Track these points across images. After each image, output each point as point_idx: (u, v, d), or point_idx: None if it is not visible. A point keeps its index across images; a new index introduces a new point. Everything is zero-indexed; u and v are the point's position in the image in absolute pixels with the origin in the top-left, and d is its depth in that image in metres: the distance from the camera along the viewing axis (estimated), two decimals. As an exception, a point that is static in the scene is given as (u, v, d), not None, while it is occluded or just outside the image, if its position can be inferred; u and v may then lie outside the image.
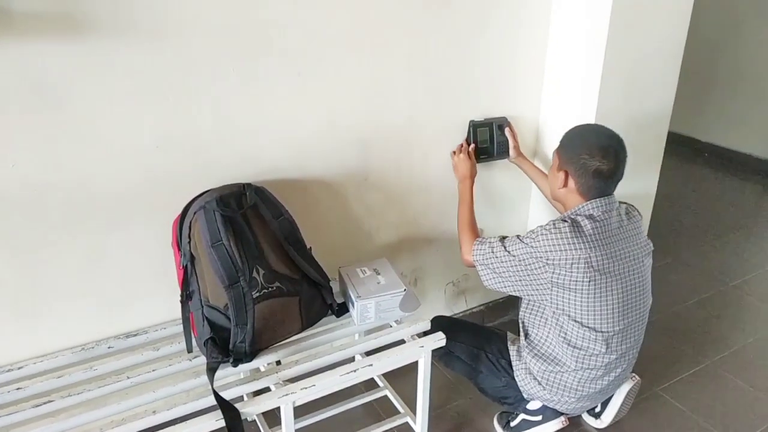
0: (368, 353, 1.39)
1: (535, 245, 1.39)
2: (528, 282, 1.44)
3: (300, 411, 1.56)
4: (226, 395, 1.20)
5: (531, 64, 1.82)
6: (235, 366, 1.27)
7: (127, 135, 1.29)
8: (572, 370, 1.48)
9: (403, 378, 1.59)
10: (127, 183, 1.33)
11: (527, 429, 1.59)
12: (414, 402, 1.49)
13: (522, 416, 1.60)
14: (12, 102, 1.16)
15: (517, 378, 1.56)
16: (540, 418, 1.58)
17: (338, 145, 1.58)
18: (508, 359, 1.57)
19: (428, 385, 1.44)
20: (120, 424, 1.12)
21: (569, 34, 1.76)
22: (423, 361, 1.41)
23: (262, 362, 1.32)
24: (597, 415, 1.66)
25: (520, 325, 1.58)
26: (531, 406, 1.58)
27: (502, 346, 1.59)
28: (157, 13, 1.23)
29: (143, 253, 1.40)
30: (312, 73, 1.46)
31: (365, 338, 1.42)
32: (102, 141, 1.27)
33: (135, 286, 1.42)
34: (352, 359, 1.39)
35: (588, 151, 1.39)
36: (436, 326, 1.46)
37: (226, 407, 1.16)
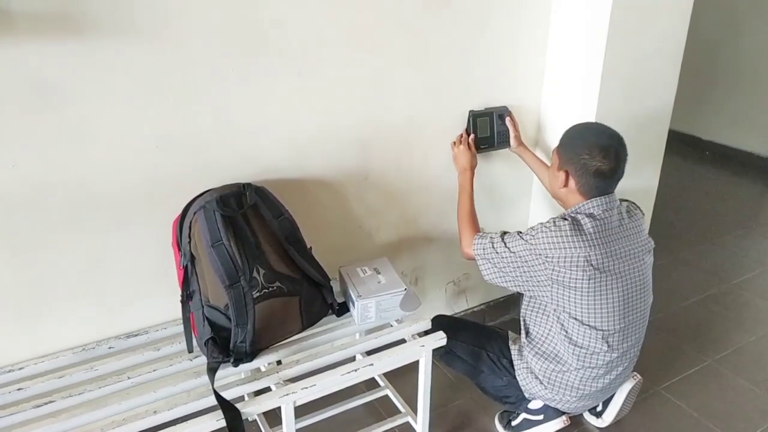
0: (369, 353, 1.39)
1: (535, 243, 1.39)
2: (528, 278, 1.44)
3: (301, 411, 1.55)
4: (227, 395, 1.20)
5: (532, 55, 1.81)
6: (235, 366, 1.27)
7: (127, 135, 1.29)
8: (574, 368, 1.47)
9: (403, 377, 1.59)
10: (128, 183, 1.33)
11: (529, 428, 1.59)
12: (415, 401, 1.48)
13: (523, 416, 1.60)
14: (12, 102, 1.16)
15: (518, 377, 1.55)
16: (541, 417, 1.57)
17: (338, 145, 1.58)
18: (509, 358, 1.57)
19: (429, 385, 1.44)
20: (121, 424, 1.12)
21: (570, 26, 1.76)
22: (424, 360, 1.40)
23: (262, 362, 1.32)
24: (598, 414, 1.66)
25: (521, 323, 1.58)
26: (532, 405, 1.58)
27: (503, 346, 1.59)
28: (157, 13, 1.23)
29: (143, 253, 1.39)
30: (312, 73, 1.46)
31: (366, 338, 1.42)
32: (102, 141, 1.27)
33: (135, 286, 1.41)
34: (353, 359, 1.39)
35: (588, 151, 1.39)
36: (437, 325, 1.46)
37: (227, 407, 1.16)
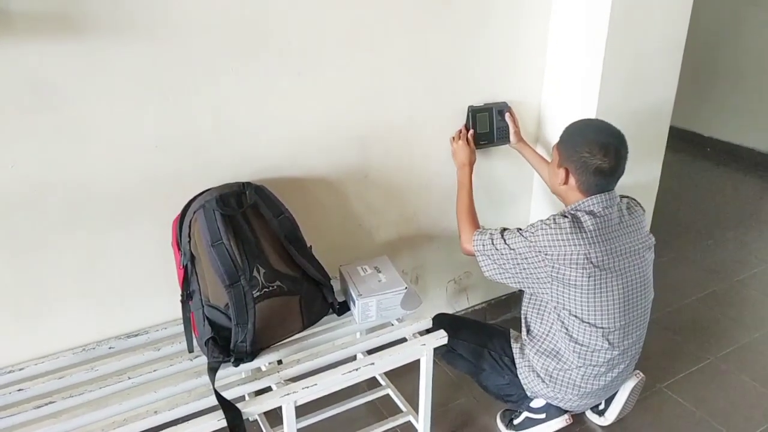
0: (370, 352, 1.38)
1: (535, 240, 1.39)
2: (528, 275, 1.44)
3: (302, 410, 1.55)
4: (228, 395, 1.19)
5: (532, 51, 1.81)
6: (236, 365, 1.27)
7: (126, 134, 1.29)
8: (575, 366, 1.47)
9: (405, 377, 1.59)
10: (127, 183, 1.32)
11: (531, 427, 1.58)
12: (416, 401, 1.48)
13: (525, 414, 1.59)
14: (11, 102, 1.16)
15: (520, 376, 1.55)
16: (544, 416, 1.57)
17: (338, 143, 1.57)
18: (510, 357, 1.57)
19: (430, 384, 1.43)
20: (122, 424, 1.12)
21: (571, 22, 1.75)
22: (425, 359, 1.40)
23: (263, 362, 1.32)
24: (601, 413, 1.65)
25: (522, 321, 1.58)
26: (534, 404, 1.58)
27: (504, 344, 1.59)
28: (156, 12, 1.23)
29: (143, 252, 1.39)
30: (312, 72, 1.46)
31: (367, 337, 1.41)
32: (101, 141, 1.27)
33: (135, 286, 1.41)
34: (354, 358, 1.38)
35: (588, 149, 1.38)
36: (438, 324, 1.45)
37: (228, 407, 1.16)
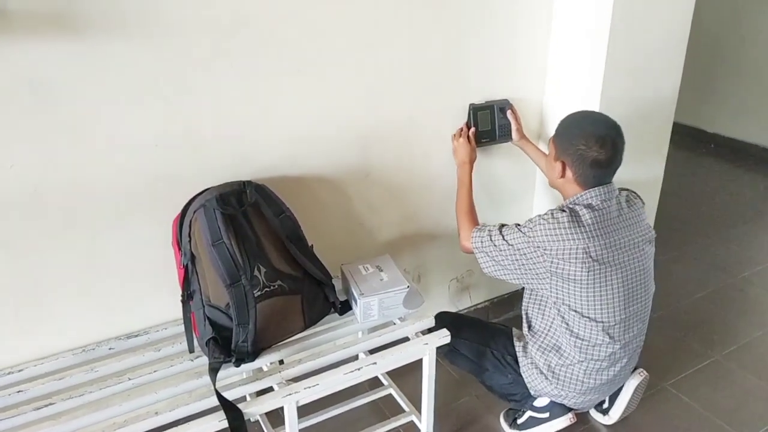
0: (372, 351, 1.38)
1: (533, 235, 1.38)
2: (526, 270, 1.42)
3: (303, 410, 1.55)
4: (229, 395, 1.19)
5: (534, 48, 1.79)
6: (237, 366, 1.27)
7: (125, 134, 1.28)
8: (577, 361, 1.46)
9: (407, 376, 1.58)
10: (126, 182, 1.31)
11: (535, 426, 1.57)
12: (419, 400, 1.47)
13: (529, 413, 1.58)
14: (9, 102, 1.15)
15: (523, 374, 1.54)
16: (547, 415, 1.56)
17: (339, 142, 1.57)
18: (513, 355, 1.56)
19: (433, 383, 1.43)
20: (122, 425, 1.11)
21: (573, 18, 1.74)
22: (428, 358, 1.39)
23: (264, 362, 1.31)
24: (605, 411, 1.64)
25: (523, 316, 1.56)
26: (538, 403, 1.57)
27: (507, 342, 1.58)
28: (154, 11, 1.22)
29: (143, 252, 1.38)
30: (312, 70, 1.45)
31: (369, 336, 1.41)
32: (100, 140, 1.26)
33: (135, 286, 1.40)
34: (356, 357, 1.38)
35: (585, 141, 1.36)
36: (440, 322, 1.45)
37: (229, 408, 1.16)
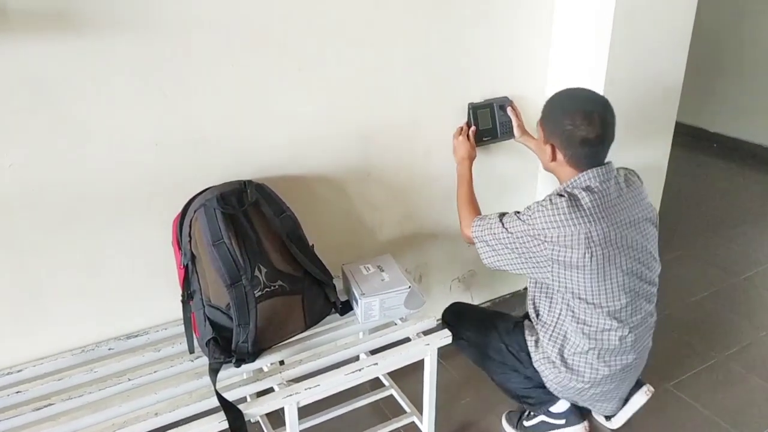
0: (373, 352, 1.37)
1: (532, 222, 1.33)
2: (527, 259, 1.37)
3: (304, 411, 1.54)
4: (229, 396, 1.19)
5: (536, 45, 1.79)
6: (237, 366, 1.26)
7: (125, 133, 1.27)
8: (588, 349, 1.40)
9: (408, 377, 1.57)
10: (126, 182, 1.31)
11: (546, 431, 1.55)
12: (420, 401, 1.47)
13: (542, 418, 1.56)
14: (8, 101, 1.15)
15: (537, 368, 1.48)
16: (563, 422, 1.54)
17: (340, 141, 1.56)
18: (527, 351, 1.49)
19: (435, 384, 1.42)
20: (122, 426, 1.11)
21: (575, 14, 1.73)
22: (429, 359, 1.39)
23: (265, 362, 1.31)
24: (608, 418, 1.63)
25: (530, 307, 1.51)
26: (555, 408, 1.54)
27: (520, 338, 1.52)
28: (154, 8, 1.21)
29: (143, 252, 1.38)
30: (312, 68, 1.44)
31: (370, 337, 1.40)
32: (100, 139, 1.25)
33: (135, 286, 1.40)
34: (357, 358, 1.37)
35: (570, 120, 1.31)
36: (450, 315, 1.46)
37: (229, 408, 1.15)
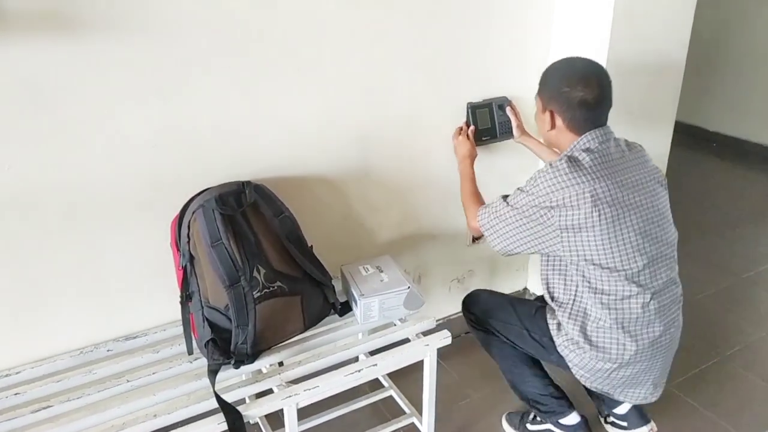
0: (372, 353, 1.37)
1: (536, 191, 1.30)
2: (537, 234, 1.33)
3: (303, 413, 1.54)
4: (228, 398, 1.18)
5: (535, 44, 1.78)
6: (236, 368, 1.26)
7: (123, 134, 1.27)
8: (611, 323, 1.33)
9: (408, 377, 1.57)
10: (124, 183, 1.31)
11: None
12: (420, 402, 1.46)
13: (549, 427, 1.54)
14: (6, 103, 1.14)
15: (562, 353, 1.41)
16: None
17: (339, 141, 1.56)
18: (549, 336, 1.43)
19: (434, 385, 1.42)
20: (121, 428, 1.11)
21: (575, 13, 1.73)
22: (428, 360, 1.38)
23: (264, 363, 1.31)
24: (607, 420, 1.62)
25: (544, 288, 1.46)
26: (566, 421, 1.52)
27: (542, 323, 1.45)
28: (152, 10, 1.21)
29: (141, 254, 1.38)
30: (311, 69, 1.44)
31: (369, 337, 1.40)
32: (98, 141, 1.25)
33: (134, 287, 1.40)
34: (356, 359, 1.37)
35: (567, 83, 1.30)
36: (471, 303, 1.52)
37: (228, 410, 1.15)
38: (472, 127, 1.70)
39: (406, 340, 1.40)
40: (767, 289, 2.35)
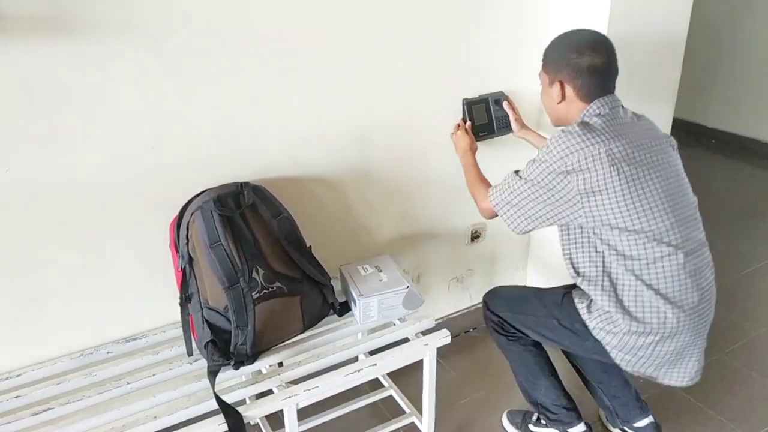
0: (372, 353, 1.37)
1: (550, 157, 1.26)
2: (556, 204, 1.28)
3: (303, 413, 1.54)
4: (228, 399, 1.19)
5: (533, 39, 1.77)
6: (236, 369, 1.26)
7: (121, 136, 1.27)
8: (644, 289, 1.26)
9: (407, 377, 1.57)
10: (123, 185, 1.31)
11: None
12: (420, 401, 1.47)
13: (553, 431, 1.53)
14: (5, 105, 1.14)
15: (597, 336, 1.33)
16: None
17: (337, 142, 1.56)
18: (581, 321, 1.35)
19: (434, 384, 1.42)
20: (121, 430, 1.11)
21: (572, 8, 1.73)
22: (428, 359, 1.39)
23: (263, 364, 1.31)
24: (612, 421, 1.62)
25: (568, 264, 1.39)
26: (572, 430, 1.50)
27: (571, 309, 1.38)
28: (150, 12, 1.21)
29: (141, 255, 1.38)
30: (308, 69, 1.44)
31: (368, 337, 1.40)
32: (96, 143, 1.25)
33: (133, 289, 1.40)
34: (356, 359, 1.37)
35: (575, 51, 1.29)
36: (493, 300, 1.49)
37: (228, 411, 1.15)
38: (468, 123, 1.69)
39: (406, 340, 1.40)
40: (767, 284, 2.35)
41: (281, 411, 1.21)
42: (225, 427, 1.13)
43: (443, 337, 1.38)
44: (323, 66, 1.46)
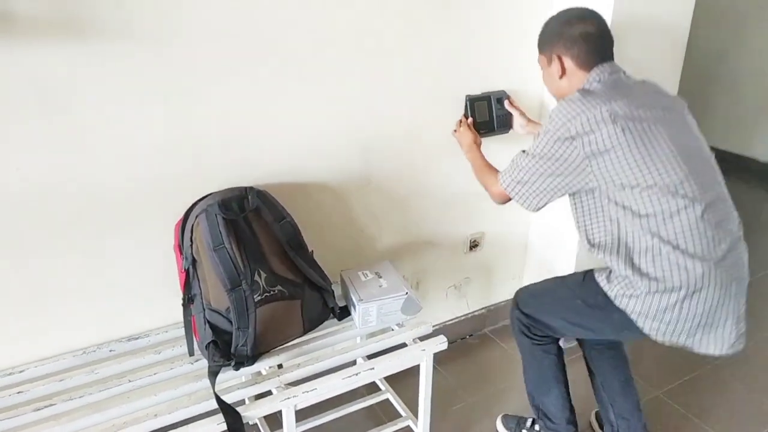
0: (370, 357, 1.39)
1: (553, 126, 1.25)
2: (565, 173, 1.27)
3: (301, 415, 1.56)
4: (228, 399, 1.20)
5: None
6: (236, 369, 1.27)
7: (129, 139, 1.29)
8: (662, 248, 1.22)
9: (404, 381, 1.59)
10: (130, 186, 1.33)
11: None
12: (416, 405, 1.48)
13: None
14: (15, 106, 1.16)
15: (620, 304, 1.29)
16: None
17: (341, 149, 1.58)
18: (603, 293, 1.31)
19: (430, 389, 1.44)
20: (121, 427, 1.12)
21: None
22: (424, 364, 1.40)
23: (263, 366, 1.32)
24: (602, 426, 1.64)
25: (582, 235, 1.37)
26: None
27: (593, 284, 1.34)
28: (159, 16, 1.23)
29: (145, 256, 1.39)
30: (314, 76, 1.46)
31: (367, 342, 1.41)
32: (104, 145, 1.27)
33: (137, 289, 1.41)
34: (354, 363, 1.39)
35: (566, 23, 1.32)
36: (524, 299, 1.46)
37: (228, 411, 1.16)
38: (470, 119, 1.70)
39: (403, 345, 1.41)
40: (757, 298, 2.37)
41: (280, 412, 1.22)
42: (224, 426, 1.14)
43: (440, 343, 1.39)
44: (329, 74, 1.48)
